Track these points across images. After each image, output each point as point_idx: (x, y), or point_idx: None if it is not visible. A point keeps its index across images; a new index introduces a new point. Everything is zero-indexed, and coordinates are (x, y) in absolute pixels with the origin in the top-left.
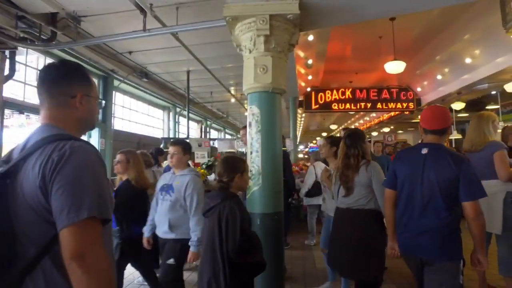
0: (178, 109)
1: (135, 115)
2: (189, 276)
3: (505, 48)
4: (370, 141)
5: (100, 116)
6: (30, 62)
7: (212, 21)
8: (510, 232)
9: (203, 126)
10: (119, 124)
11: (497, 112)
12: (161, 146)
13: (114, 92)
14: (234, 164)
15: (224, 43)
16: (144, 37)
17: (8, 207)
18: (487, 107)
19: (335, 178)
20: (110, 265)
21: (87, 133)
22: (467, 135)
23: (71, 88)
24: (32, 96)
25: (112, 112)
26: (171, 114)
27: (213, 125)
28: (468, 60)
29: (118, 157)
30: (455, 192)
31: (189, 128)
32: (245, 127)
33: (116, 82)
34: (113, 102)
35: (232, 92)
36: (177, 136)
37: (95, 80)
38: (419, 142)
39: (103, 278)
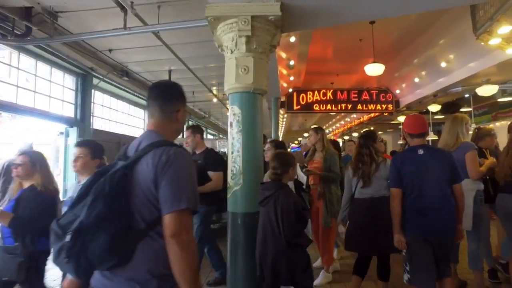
0: None
1: (115, 114)
2: None
3: (477, 54)
4: (351, 141)
5: (78, 115)
6: (2, 58)
7: (194, 20)
8: (479, 228)
9: (184, 126)
10: (98, 123)
11: (470, 114)
12: None
13: (93, 90)
14: (288, 159)
15: (206, 43)
16: (124, 35)
17: (127, 191)
18: (461, 110)
19: (351, 173)
20: (196, 246)
21: (64, 132)
22: (442, 136)
23: (177, 104)
24: (4, 93)
25: (91, 111)
26: None
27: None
28: (443, 64)
29: (19, 158)
30: (450, 179)
31: None
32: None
33: (95, 81)
34: (92, 101)
35: (214, 92)
36: None
37: (73, 78)
38: (406, 146)
39: (191, 253)
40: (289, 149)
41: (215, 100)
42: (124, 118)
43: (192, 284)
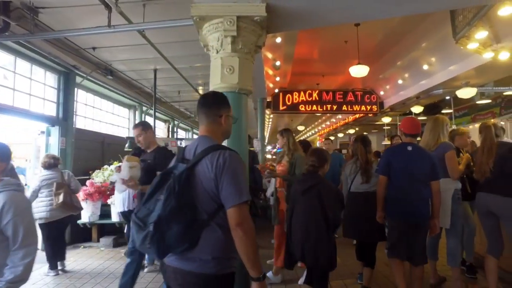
0: (144, 108)
1: (99, 113)
2: None
3: (457, 57)
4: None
5: (60, 114)
6: None
7: (180, 20)
8: (457, 226)
9: (170, 126)
10: (81, 122)
11: (450, 116)
12: (126, 145)
13: (76, 89)
14: (324, 154)
15: (192, 42)
16: (109, 33)
17: (192, 188)
18: (442, 111)
19: (350, 171)
20: (254, 231)
21: (45, 131)
22: (423, 136)
23: (219, 110)
24: None
25: (74, 110)
26: (137, 113)
27: (181, 124)
28: (425, 67)
29: None
30: (430, 176)
31: (156, 128)
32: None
33: (78, 79)
34: (75, 99)
35: (200, 91)
36: None
37: (55, 76)
38: (400, 142)
39: (252, 238)
40: (275, 150)
41: None
42: (108, 117)
43: (254, 262)
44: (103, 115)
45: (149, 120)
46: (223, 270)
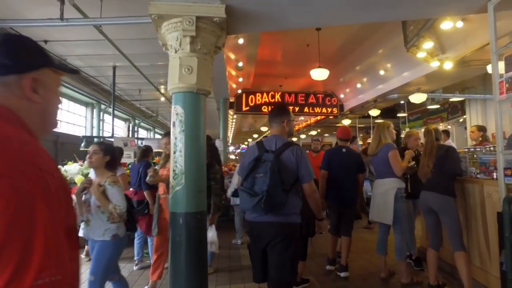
0: (103, 106)
1: None
2: None
3: (409, 64)
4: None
5: None
6: None
7: (139, 17)
8: (401, 222)
9: (130, 125)
10: None
11: (404, 119)
12: (82, 145)
13: None
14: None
15: (153, 40)
16: (62, 27)
17: (277, 170)
18: (398, 115)
19: None
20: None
21: None
22: (370, 142)
23: (281, 118)
24: None
25: None
26: (95, 111)
27: (142, 124)
28: (382, 72)
29: None
30: (356, 170)
31: (115, 127)
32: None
33: None
34: None
35: (162, 91)
36: (101, 135)
37: None
38: (336, 145)
39: (318, 199)
40: (238, 150)
41: (162, 99)
42: (63, 115)
43: (319, 211)
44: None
45: (108, 118)
46: (296, 220)
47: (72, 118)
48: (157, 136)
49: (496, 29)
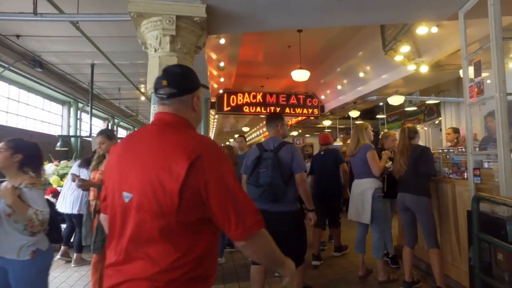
0: (80, 105)
1: (25, 108)
2: None
3: (388, 67)
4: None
5: None
6: None
7: (118, 14)
8: (378, 221)
9: (109, 124)
10: (3, 118)
11: (383, 121)
12: (58, 144)
13: None
14: None
15: (133, 38)
16: (36, 22)
17: (276, 165)
18: (377, 116)
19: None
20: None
21: None
22: (349, 143)
23: (277, 123)
24: None
25: None
26: (72, 109)
27: (122, 123)
28: (361, 74)
29: None
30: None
31: (93, 126)
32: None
33: None
34: None
35: (142, 90)
36: (78, 134)
37: None
38: (319, 149)
39: (307, 189)
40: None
41: (143, 98)
42: (37, 113)
43: (309, 201)
44: (31, 110)
45: (85, 117)
46: (296, 207)
47: (48, 116)
48: None
49: (467, 36)
